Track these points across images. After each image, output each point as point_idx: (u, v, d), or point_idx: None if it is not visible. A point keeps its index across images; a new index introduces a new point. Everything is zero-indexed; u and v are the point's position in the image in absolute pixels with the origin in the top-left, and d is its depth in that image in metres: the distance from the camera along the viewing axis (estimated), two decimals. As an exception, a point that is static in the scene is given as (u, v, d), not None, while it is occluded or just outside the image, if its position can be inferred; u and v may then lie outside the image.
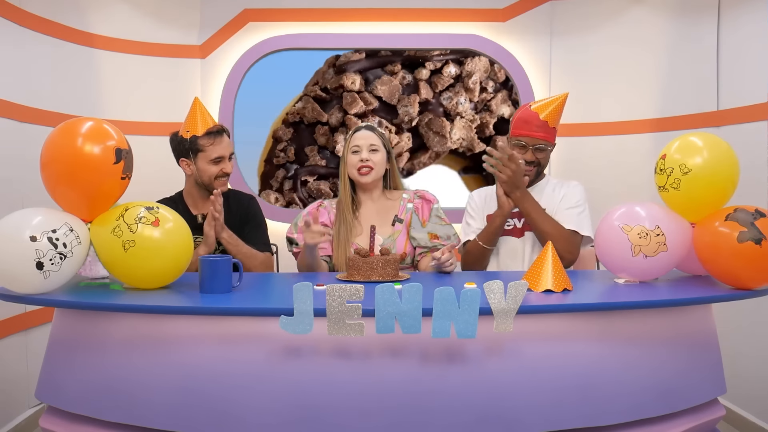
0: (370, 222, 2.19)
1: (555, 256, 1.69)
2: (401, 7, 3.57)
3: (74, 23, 3.06)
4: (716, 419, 1.75)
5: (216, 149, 2.27)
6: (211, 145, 2.26)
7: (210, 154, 2.26)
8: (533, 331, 1.54)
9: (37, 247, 1.54)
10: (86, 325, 1.62)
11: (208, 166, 2.27)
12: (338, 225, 2.21)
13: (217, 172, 2.29)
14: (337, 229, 2.20)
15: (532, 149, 2.20)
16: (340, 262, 2.17)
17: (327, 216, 2.25)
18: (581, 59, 3.51)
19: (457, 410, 1.50)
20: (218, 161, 2.28)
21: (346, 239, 2.18)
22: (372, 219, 2.22)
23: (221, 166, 2.29)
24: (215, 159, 2.27)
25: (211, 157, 2.26)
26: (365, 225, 2.21)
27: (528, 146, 2.20)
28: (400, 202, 2.27)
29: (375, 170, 2.21)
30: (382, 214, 2.25)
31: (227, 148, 2.31)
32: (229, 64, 3.55)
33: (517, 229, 2.24)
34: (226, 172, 2.30)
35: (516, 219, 2.25)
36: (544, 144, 2.20)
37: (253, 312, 1.53)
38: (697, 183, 1.73)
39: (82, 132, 1.65)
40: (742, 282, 1.70)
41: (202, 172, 2.28)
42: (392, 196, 2.30)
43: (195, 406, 1.51)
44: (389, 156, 2.28)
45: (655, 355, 1.61)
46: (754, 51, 2.70)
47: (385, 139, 2.27)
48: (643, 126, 3.31)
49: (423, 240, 2.20)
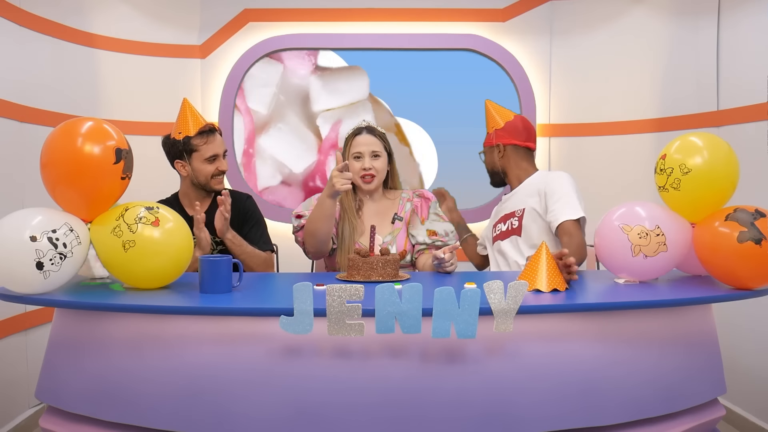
0: (371, 222, 2.21)
1: (549, 256, 1.69)
2: (401, 7, 3.57)
3: (74, 23, 3.06)
4: (716, 419, 1.75)
5: (210, 148, 2.28)
6: (205, 144, 2.28)
7: (204, 153, 2.27)
8: (533, 331, 1.54)
9: (37, 247, 1.54)
10: (86, 325, 1.62)
11: (204, 166, 2.28)
12: (342, 224, 2.22)
13: (213, 171, 2.29)
14: (341, 228, 2.21)
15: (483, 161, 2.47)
16: (344, 261, 2.18)
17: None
18: (581, 59, 3.52)
19: (457, 410, 1.50)
20: (213, 159, 2.29)
21: (350, 239, 2.19)
22: (373, 219, 2.24)
23: (216, 165, 2.30)
24: (210, 157, 2.28)
25: (206, 156, 2.28)
26: (367, 225, 2.22)
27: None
28: (399, 201, 2.29)
29: (378, 177, 2.23)
30: (382, 213, 2.27)
31: (220, 146, 2.32)
32: (229, 64, 3.55)
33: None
34: (221, 170, 2.31)
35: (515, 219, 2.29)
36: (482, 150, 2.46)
37: (253, 312, 1.53)
38: (697, 183, 1.73)
39: (82, 132, 1.65)
40: (742, 282, 1.70)
41: (198, 172, 2.29)
42: (392, 196, 2.31)
43: (195, 406, 1.52)
44: (390, 158, 2.28)
45: (655, 355, 1.61)
46: (754, 51, 2.70)
47: (386, 140, 2.27)
48: (643, 126, 3.32)
49: (422, 237, 2.21)
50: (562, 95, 3.56)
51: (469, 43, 3.56)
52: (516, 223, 2.28)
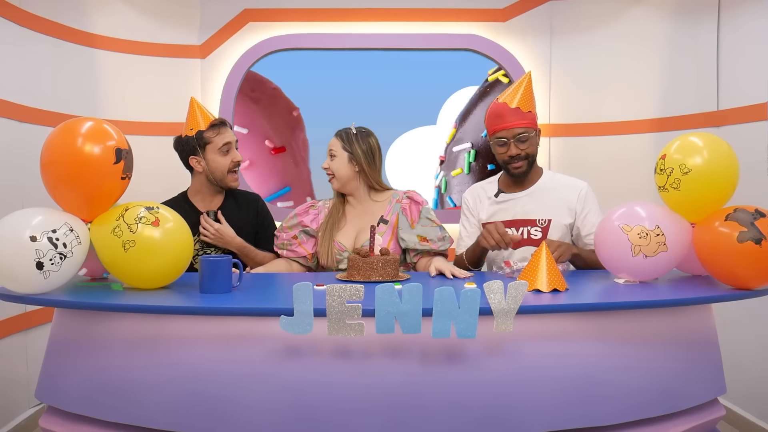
0: (354, 221, 2.23)
1: (549, 256, 1.69)
2: (401, 7, 3.57)
3: (74, 23, 3.07)
4: (716, 419, 1.75)
5: (222, 137, 2.31)
6: (217, 135, 2.31)
7: (217, 143, 2.30)
8: (533, 331, 1.54)
9: (37, 247, 1.54)
10: (86, 325, 1.62)
11: (219, 157, 2.31)
12: (325, 222, 2.26)
13: (229, 164, 2.32)
14: (324, 225, 2.25)
15: (514, 142, 2.11)
16: (322, 253, 2.22)
17: (315, 216, 2.29)
18: (581, 59, 3.52)
19: (457, 410, 1.50)
20: (227, 149, 2.32)
21: (329, 236, 2.21)
22: (357, 221, 2.24)
23: (231, 155, 2.32)
24: (223, 146, 2.31)
25: (219, 146, 2.30)
26: (351, 226, 2.23)
27: (509, 140, 2.12)
28: (387, 203, 2.25)
29: (336, 176, 2.23)
30: (368, 215, 2.24)
31: (232, 136, 2.35)
32: (229, 64, 3.55)
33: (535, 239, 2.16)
34: (236, 161, 2.34)
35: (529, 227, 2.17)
36: (525, 131, 2.11)
37: (253, 312, 1.53)
38: (697, 183, 1.73)
39: (82, 132, 1.65)
40: (742, 282, 1.70)
41: (214, 166, 2.31)
42: (379, 198, 2.27)
43: (195, 406, 1.52)
44: (356, 158, 2.21)
45: (655, 355, 1.61)
46: (754, 51, 2.70)
47: (352, 141, 2.21)
48: (643, 126, 3.32)
49: (412, 242, 2.17)
50: (562, 95, 3.56)
51: (469, 43, 3.56)
52: (538, 234, 2.15)
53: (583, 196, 2.18)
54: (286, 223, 2.30)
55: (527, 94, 2.12)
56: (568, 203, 2.18)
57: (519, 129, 2.11)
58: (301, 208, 2.32)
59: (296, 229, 2.27)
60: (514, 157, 2.14)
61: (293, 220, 2.29)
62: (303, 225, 2.27)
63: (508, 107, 2.11)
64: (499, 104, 2.14)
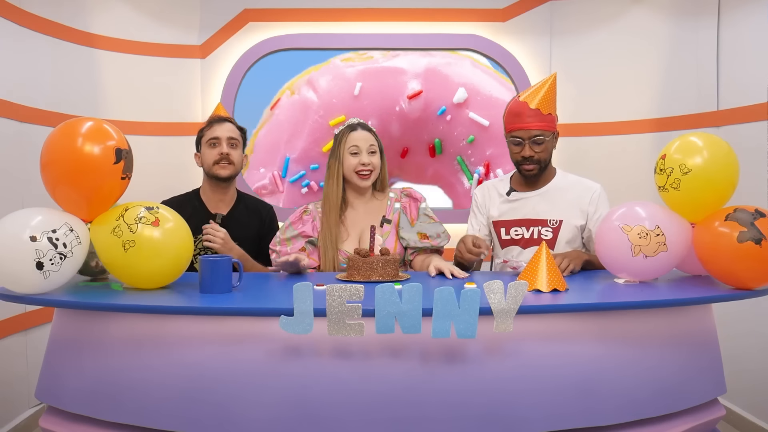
0: (356, 225, 2.18)
1: (549, 256, 1.69)
2: (401, 7, 3.57)
3: (74, 23, 3.07)
4: (716, 419, 1.75)
5: (212, 132, 2.32)
6: (209, 130, 2.33)
7: (207, 136, 2.33)
8: (533, 331, 1.54)
9: (37, 247, 1.54)
10: (86, 325, 1.62)
11: (208, 150, 2.32)
12: (324, 232, 2.14)
13: (215, 156, 2.30)
14: (324, 236, 2.14)
15: (529, 143, 2.09)
16: (328, 269, 2.12)
17: (311, 223, 2.18)
18: (581, 59, 3.52)
19: (456, 410, 1.50)
20: (214, 143, 2.31)
21: (334, 247, 2.12)
22: (360, 220, 2.19)
23: (218, 149, 2.30)
24: (211, 140, 2.31)
25: (207, 139, 2.32)
26: (351, 228, 2.17)
27: (524, 140, 2.09)
28: (387, 202, 2.23)
29: (374, 173, 2.17)
30: (371, 215, 2.20)
31: (226, 131, 2.33)
32: (229, 64, 3.55)
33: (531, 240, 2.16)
34: (220, 152, 2.29)
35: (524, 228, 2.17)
36: (541, 134, 2.08)
37: (253, 312, 1.53)
38: (697, 183, 1.73)
39: (82, 132, 1.65)
40: (742, 282, 1.70)
41: (204, 158, 2.34)
42: (379, 197, 2.25)
43: (195, 406, 1.51)
44: (382, 157, 2.22)
45: (655, 355, 1.61)
46: (754, 51, 2.70)
47: (379, 139, 2.22)
48: (643, 126, 3.32)
49: (413, 240, 2.16)
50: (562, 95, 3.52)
51: (469, 43, 3.56)
52: (549, 235, 2.14)
53: (596, 198, 2.17)
54: (283, 235, 2.16)
55: (549, 96, 2.09)
56: (581, 205, 2.16)
57: (536, 131, 2.09)
58: (295, 216, 2.19)
59: (299, 240, 2.16)
60: (527, 159, 2.12)
61: (292, 231, 2.16)
62: (305, 235, 2.16)
63: (527, 107, 2.08)
64: (519, 102, 2.10)
